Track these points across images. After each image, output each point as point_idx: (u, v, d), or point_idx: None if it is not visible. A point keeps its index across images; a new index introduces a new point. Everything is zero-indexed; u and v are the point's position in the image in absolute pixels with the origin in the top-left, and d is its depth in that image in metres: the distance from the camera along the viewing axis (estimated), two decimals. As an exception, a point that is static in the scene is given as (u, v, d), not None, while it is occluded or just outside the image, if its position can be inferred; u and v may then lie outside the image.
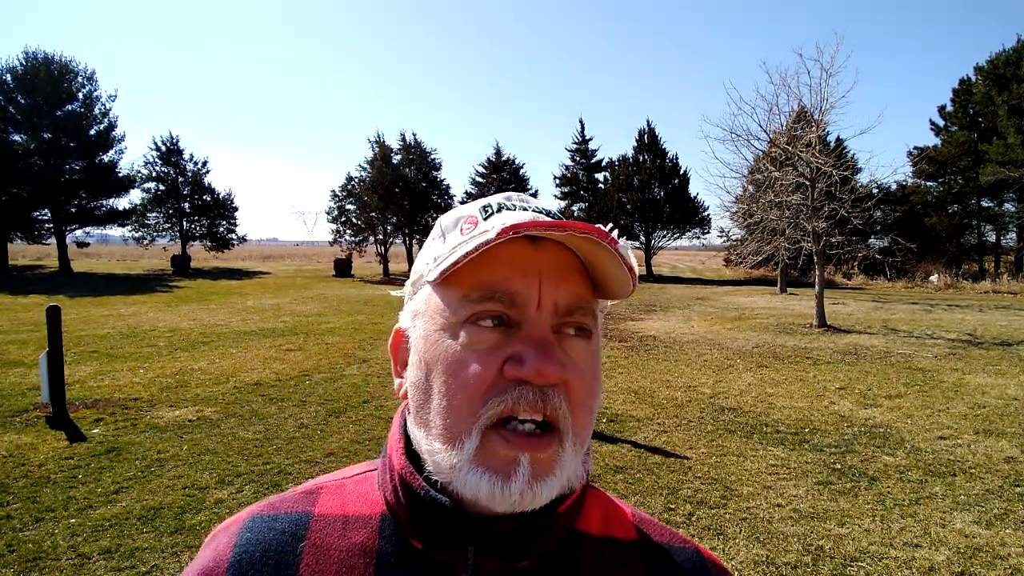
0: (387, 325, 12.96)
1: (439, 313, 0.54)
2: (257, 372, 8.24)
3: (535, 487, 0.49)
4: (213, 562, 0.55)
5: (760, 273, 31.21)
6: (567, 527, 0.57)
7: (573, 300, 0.53)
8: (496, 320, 0.52)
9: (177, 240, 37.03)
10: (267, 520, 0.57)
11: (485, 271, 0.52)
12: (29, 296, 19.01)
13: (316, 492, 0.61)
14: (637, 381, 7.93)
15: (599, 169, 38.57)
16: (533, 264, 0.52)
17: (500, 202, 0.58)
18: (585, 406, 0.53)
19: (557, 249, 0.53)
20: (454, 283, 0.53)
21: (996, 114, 28.77)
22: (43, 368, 5.91)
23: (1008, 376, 8.14)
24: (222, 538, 0.57)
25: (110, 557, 3.38)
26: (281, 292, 21.95)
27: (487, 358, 0.50)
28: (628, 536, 0.61)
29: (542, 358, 0.49)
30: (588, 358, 0.54)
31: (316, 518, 0.57)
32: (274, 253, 64.07)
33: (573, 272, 0.54)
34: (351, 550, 0.55)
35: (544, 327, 0.51)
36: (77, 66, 30.91)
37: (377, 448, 5.23)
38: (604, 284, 0.55)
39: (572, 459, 0.52)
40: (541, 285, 0.52)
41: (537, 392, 0.49)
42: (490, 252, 0.50)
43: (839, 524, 3.86)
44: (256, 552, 0.55)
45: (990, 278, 26.65)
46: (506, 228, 0.49)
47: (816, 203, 13.08)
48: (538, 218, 0.55)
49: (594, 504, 0.62)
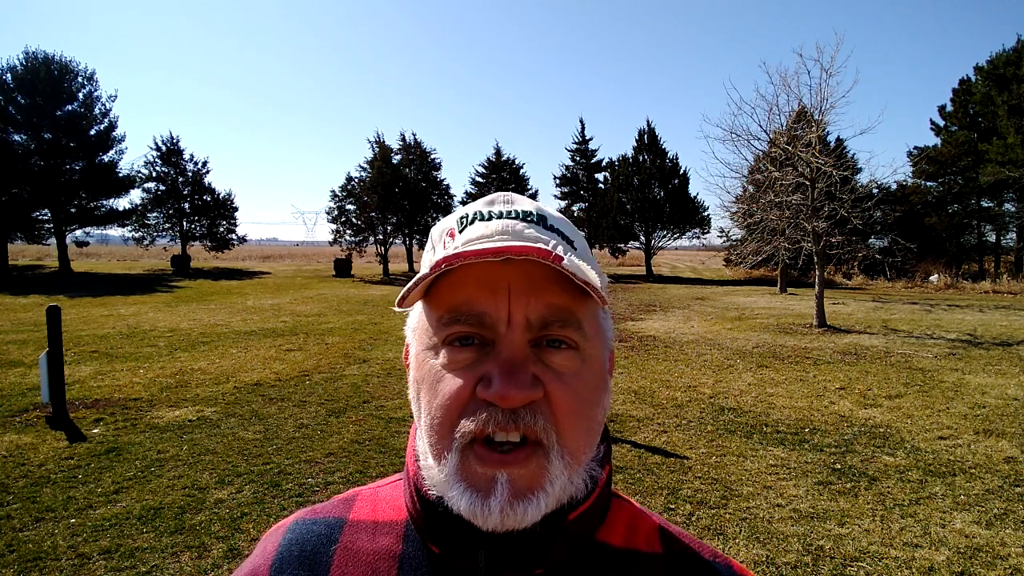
0: (387, 325, 12.97)
1: (425, 332, 0.55)
2: (257, 372, 8.24)
3: (517, 506, 0.48)
4: (261, 558, 0.61)
5: (760, 273, 31.21)
6: (583, 536, 0.56)
7: (547, 313, 0.51)
8: (469, 340, 0.52)
9: (177, 240, 37.03)
10: (307, 524, 0.62)
11: (456, 292, 0.52)
12: (29, 296, 19.01)
13: (353, 499, 0.65)
14: (637, 381, 7.93)
15: (599, 169, 38.57)
16: (502, 280, 0.51)
17: (478, 211, 0.57)
18: (576, 416, 0.51)
19: (527, 261, 0.51)
20: (433, 303, 0.54)
21: (996, 114, 28.75)
22: (43, 368, 5.91)
23: (1008, 376, 8.14)
24: (271, 539, 0.63)
25: (110, 557, 3.38)
26: (281, 292, 21.95)
27: (462, 377, 0.51)
28: (652, 549, 0.59)
29: (505, 381, 0.48)
30: (576, 367, 0.52)
31: (350, 523, 0.61)
32: (274, 253, 64.05)
33: (549, 283, 0.52)
34: (378, 553, 0.58)
35: (515, 345, 0.51)
36: (77, 66, 30.91)
37: (377, 448, 5.23)
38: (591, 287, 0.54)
39: (561, 473, 0.50)
40: (511, 301, 0.51)
41: (507, 414, 0.49)
42: (461, 271, 0.51)
43: (839, 524, 3.86)
44: (295, 552, 0.59)
45: (990, 278, 26.66)
46: (438, 263, 0.49)
47: (816, 203, 13.08)
48: (506, 228, 0.54)
49: (618, 514, 0.61)
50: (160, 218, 36.46)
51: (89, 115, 31.17)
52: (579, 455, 0.52)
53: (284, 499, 4.17)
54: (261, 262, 45.40)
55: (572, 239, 0.57)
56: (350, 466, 4.78)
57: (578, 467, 0.53)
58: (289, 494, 4.25)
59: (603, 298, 0.51)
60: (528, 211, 0.57)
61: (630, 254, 39.34)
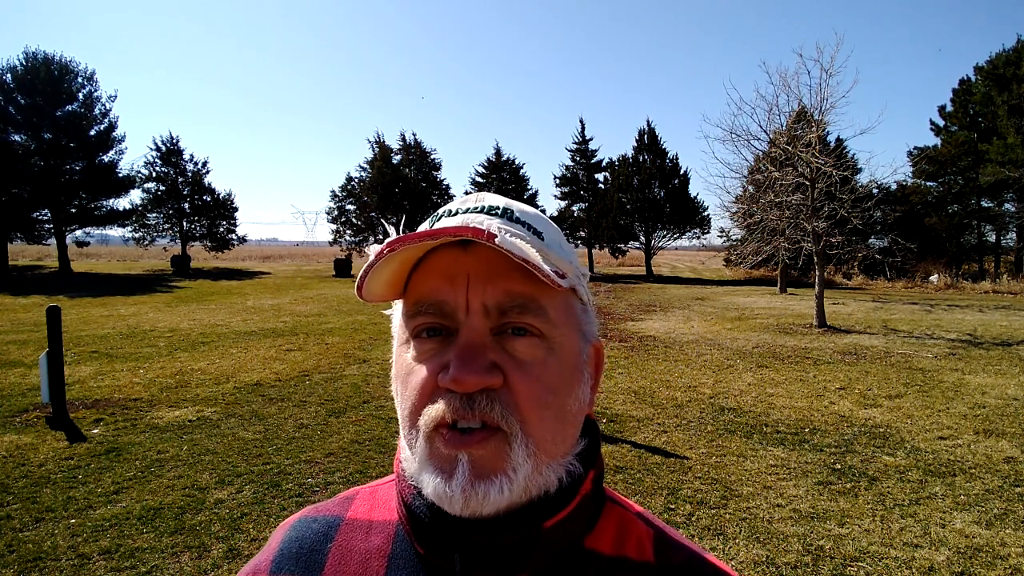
0: (387, 325, 12.84)
1: (401, 328, 0.57)
2: (257, 372, 8.24)
3: (478, 487, 0.48)
4: (265, 555, 0.63)
5: (760, 273, 31.21)
6: (566, 543, 0.54)
7: (504, 299, 0.51)
8: (434, 331, 0.53)
9: (177, 240, 37.05)
10: (308, 521, 0.64)
11: (420, 284, 0.54)
12: (29, 296, 19.01)
13: (352, 498, 0.66)
14: (637, 381, 7.93)
15: (599, 169, 38.58)
16: (461, 269, 0.52)
17: (447, 209, 0.59)
18: (539, 404, 0.51)
19: (486, 251, 0.52)
20: (405, 298, 0.56)
21: (996, 114, 28.75)
22: (43, 368, 5.91)
23: (1008, 376, 8.14)
24: (277, 535, 0.65)
25: (110, 557, 3.38)
26: (281, 292, 21.96)
27: (426, 367, 0.52)
28: (643, 557, 0.56)
29: (460, 367, 0.49)
30: (540, 355, 0.52)
31: (347, 522, 0.63)
32: (274, 253, 64.06)
33: (509, 271, 0.51)
34: (370, 552, 0.59)
35: (474, 332, 0.51)
36: (77, 66, 30.92)
37: (377, 448, 5.23)
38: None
39: (525, 461, 0.50)
40: (469, 289, 0.51)
41: (464, 399, 0.49)
42: (425, 264, 0.54)
43: (839, 524, 3.86)
44: (294, 549, 0.61)
45: (990, 278, 26.66)
46: (380, 250, 0.51)
47: (816, 203, 13.08)
48: (466, 222, 0.54)
49: (609, 520, 0.59)
50: (160, 218, 36.50)
51: (89, 115, 31.18)
52: (546, 445, 0.51)
53: (284, 499, 4.17)
54: (261, 262, 45.42)
55: (541, 231, 0.57)
56: (350, 466, 4.78)
57: (547, 459, 0.52)
58: (289, 494, 4.25)
59: (555, 281, 0.50)
60: (495, 206, 0.57)
61: (630, 254, 39.35)
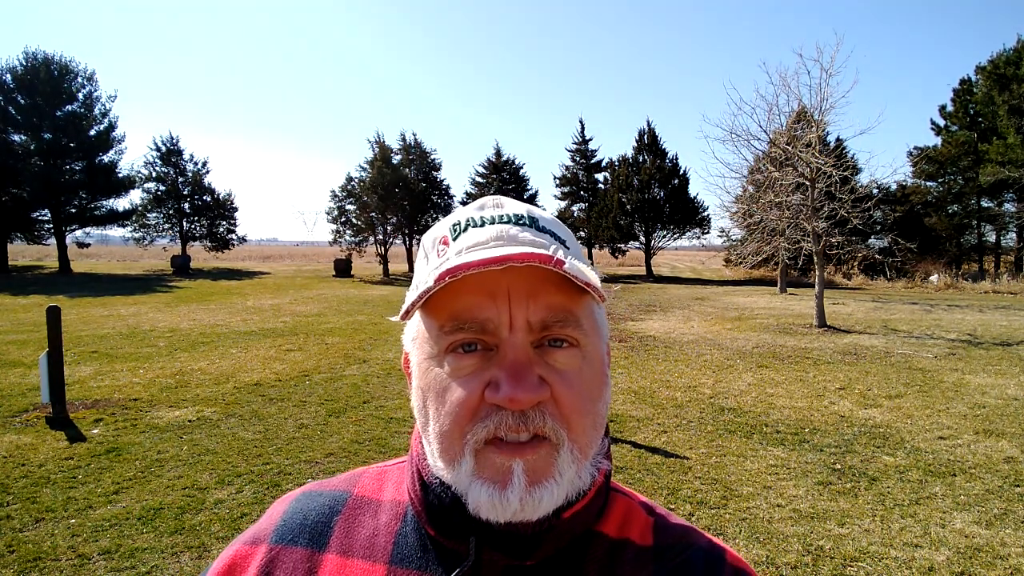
0: (386, 326, 12.96)
1: (427, 342, 0.56)
2: (257, 372, 8.24)
3: (534, 492, 0.50)
4: (266, 523, 0.64)
5: (760, 273, 31.22)
6: (579, 531, 0.57)
7: (547, 314, 0.52)
8: (472, 347, 0.52)
9: (177, 240, 37.05)
10: (313, 495, 0.65)
11: (457, 300, 0.52)
12: (29, 296, 19.01)
13: (359, 476, 0.68)
14: (637, 381, 7.93)
15: (599, 169, 38.59)
16: (501, 285, 0.52)
17: (469, 217, 0.58)
18: (581, 413, 0.53)
19: (525, 265, 0.51)
20: (433, 312, 0.54)
21: (996, 114, 28.75)
22: (43, 368, 5.91)
23: (1008, 376, 8.14)
24: (278, 507, 0.66)
25: (110, 557, 3.38)
26: (281, 292, 21.95)
27: (468, 384, 0.52)
28: (644, 541, 0.60)
29: (514, 384, 0.49)
30: (578, 365, 0.53)
31: (354, 498, 0.64)
32: (274, 253, 64.05)
33: (546, 284, 0.52)
34: (376, 529, 0.61)
35: (519, 348, 0.51)
36: (77, 66, 30.96)
37: (377, 448, 5.24)
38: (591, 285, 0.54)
39: (570, 466, 0.52)
40: (511, 305, 0.51)
41: (517, 416, 0.50)
42: (460, 280, 0.51)
43: (839, 524, 3.86)
44: (298, 520, 0.63)
45: (990, 278, 26.65)
46: (442, 274, 0.50)
47: (816, 203, 13.08)
48: (500, 234, 0.54)
49: (616, 506, 0.62)
50: (160, 218, 36.49)
51: (89, 115, 31.21)
52: (587, 449, 0.54)
53: (284, 499, 4.17)
54: (261, 262, 45.41)
55: (564, 239, 0.58)
56: (350, 466, 4.78)
57: (585, 461, 0.54)
58: (289, 494, 4.25)
59: (602, 295, 0.53)
60: (519, 214, 0.58)
61: (630, 254, 39.34)
